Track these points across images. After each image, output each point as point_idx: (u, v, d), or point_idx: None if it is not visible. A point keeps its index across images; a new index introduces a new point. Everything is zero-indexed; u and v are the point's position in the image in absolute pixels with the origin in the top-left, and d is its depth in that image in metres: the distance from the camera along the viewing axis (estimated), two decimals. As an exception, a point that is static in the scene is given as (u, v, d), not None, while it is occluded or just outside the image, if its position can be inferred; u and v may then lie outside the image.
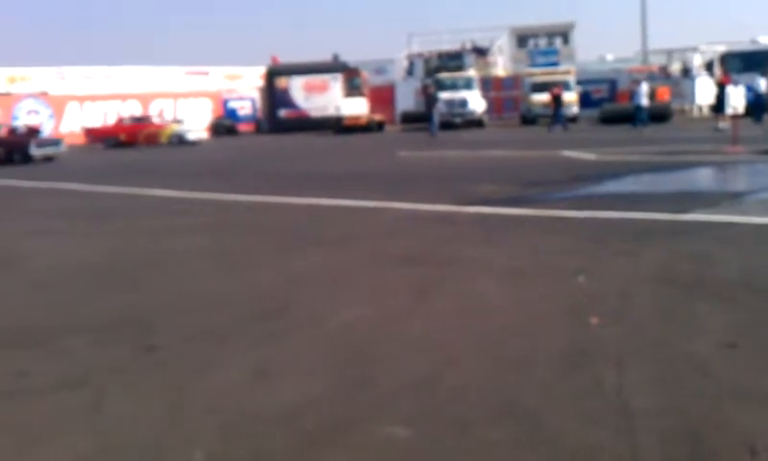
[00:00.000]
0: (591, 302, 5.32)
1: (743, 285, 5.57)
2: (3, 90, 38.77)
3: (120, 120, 36.15)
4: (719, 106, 23.55)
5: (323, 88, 42.94)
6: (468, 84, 37.60)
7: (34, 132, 28.68)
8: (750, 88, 26.31)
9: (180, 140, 33.74)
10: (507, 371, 4.09)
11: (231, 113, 45.44)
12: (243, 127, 44.10)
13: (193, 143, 33.84)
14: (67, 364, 4.55)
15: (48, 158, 26.15)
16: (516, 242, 7.81)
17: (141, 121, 35.89)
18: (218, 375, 4.24)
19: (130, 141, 33.24)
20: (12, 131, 28.81)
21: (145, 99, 42.30)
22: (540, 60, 42.98)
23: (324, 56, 45.21)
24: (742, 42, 38.98)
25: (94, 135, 35.21)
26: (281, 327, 5.13)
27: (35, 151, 25.62)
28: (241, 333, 5.03)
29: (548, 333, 4.70)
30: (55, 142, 27.79)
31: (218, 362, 4.45)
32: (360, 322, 5.16)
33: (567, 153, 17.64)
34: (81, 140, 34.76)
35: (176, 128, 34.90)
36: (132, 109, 40.41)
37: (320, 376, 4.14)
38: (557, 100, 31.58)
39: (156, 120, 36.88)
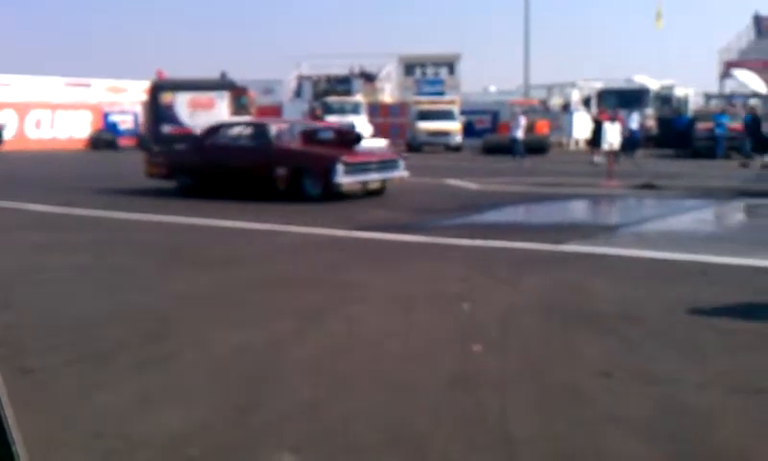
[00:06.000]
0: (475, 329, 5.47)
1: (616, 315, 5.85)
2: None
3: None
4: (595, 140, 24.52)
5: (209, 106, 42.17)
6: (355, 109, 37.86)
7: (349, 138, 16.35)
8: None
9: None
10: (394, 396, 4.16)
11: (112, 127, 43.99)
12: (124, 141, 42.78)
13: None
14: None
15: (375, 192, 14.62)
16: (403, 268, 7.94)
17: None
18: (101, 398, 4.13)
19: None
20: (310, 134, 16.51)
21: (21, 109, 40.55)
22: (427, 88, 43.94)
23: (211, 73, 44.62)
24: (618, 80, 40.98)
25: None
26: (167, 350, 5.03)
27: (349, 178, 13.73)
28: (124, 356, 4.90)
29: (432, 360, 4.81)
30: (390, 164, 15.08)
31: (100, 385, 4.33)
32: (248, 345, 5.13)
33: (451, 181, 18.03)
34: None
35: None
36: (7, 119, 38.58)
37: (207, 401, 4.10)
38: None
39: None
